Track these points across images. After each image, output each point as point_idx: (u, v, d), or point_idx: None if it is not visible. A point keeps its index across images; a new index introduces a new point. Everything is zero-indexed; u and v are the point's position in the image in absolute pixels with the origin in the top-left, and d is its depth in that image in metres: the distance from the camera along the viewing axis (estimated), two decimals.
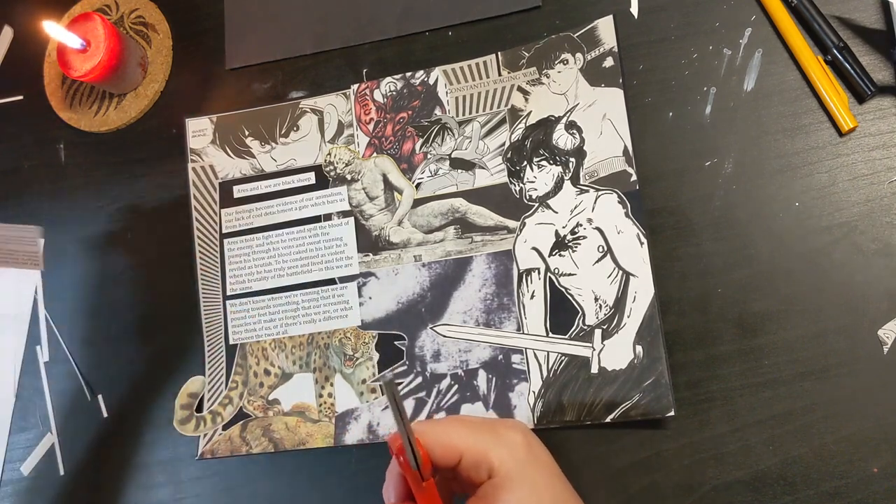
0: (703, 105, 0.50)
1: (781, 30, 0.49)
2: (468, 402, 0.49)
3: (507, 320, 0.50)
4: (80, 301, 0.59)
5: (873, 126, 0.47)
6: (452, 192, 0.53)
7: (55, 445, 0.57)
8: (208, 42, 0.61)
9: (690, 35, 0.51)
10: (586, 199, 0.50)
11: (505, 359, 0.49)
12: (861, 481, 0.44)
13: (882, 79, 0.47)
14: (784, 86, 0.49)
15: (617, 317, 0.47)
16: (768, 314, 0.46)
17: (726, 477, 0.45)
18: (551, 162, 0.51)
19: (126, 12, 0.62)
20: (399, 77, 0.56)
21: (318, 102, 0.57)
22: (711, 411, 0.46)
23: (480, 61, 0.54)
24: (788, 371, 0.45)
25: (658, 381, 0.46)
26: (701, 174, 0.49)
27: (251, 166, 0.57)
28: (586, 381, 0.47)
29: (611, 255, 0.48)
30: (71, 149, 0.62)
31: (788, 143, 0.48)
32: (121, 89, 0.61)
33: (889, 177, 0.46)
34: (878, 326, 0.45)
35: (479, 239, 0.52)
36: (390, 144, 0.55)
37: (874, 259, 0.46)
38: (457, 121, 0.54)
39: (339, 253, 0.54)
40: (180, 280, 0.57)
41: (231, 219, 0.57)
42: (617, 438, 0.47)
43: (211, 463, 0.54)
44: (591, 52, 0.51)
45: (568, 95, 0.51)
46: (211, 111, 0.59)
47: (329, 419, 0.52)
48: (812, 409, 0.45)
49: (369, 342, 0.52)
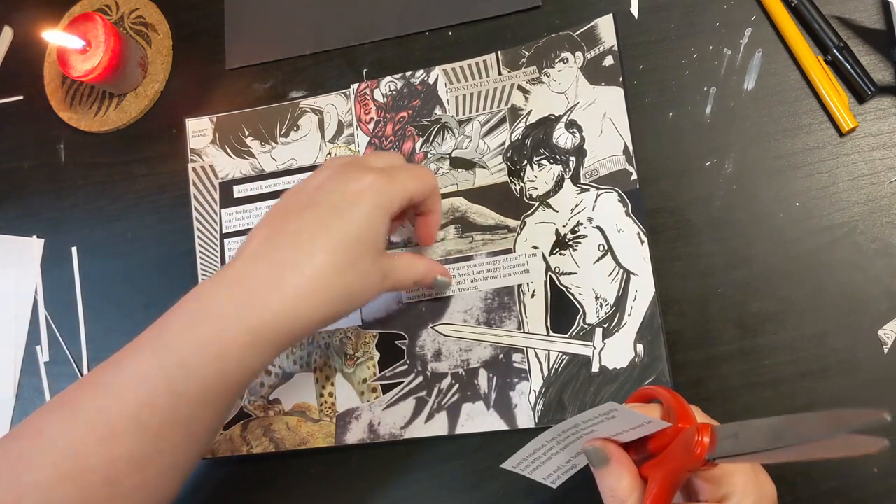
0: (703, 105, 0.50)
1: (781, 30, 0.49)
2: (469, 402, 0.49)
3: (507, 319, 0.50)
4: (80, 301, 0.59)
5: (873, 126, 0.47)
6: (453, 192, 0.53)
7: None
8: (208, 42, 0.61)
9: (690, 35, 0.51)
10: (587, 198, 0.50)
11: (506, 358, 0.49)
12: (861, 481, 0.44)
13: (882, 79, 0.47)
14: (784, 86, 0.49)
15: (618, 315, 0.48)
16: (768, 314, 0.46)
17: None
18: (551, 161, 0.51)
19: (126, 12, 0.62)
20: (399, 76, 0.56)
21: (318, 102, 0.57)
22: (711, 411, 0.46)
23: (480, 60, 0.54)
24: (788, 371, 0.45)
25: (659, 380, 0.46)
26: (701, 174, 0.49)
27: (251, 166, 0.57)
28: (587, 379, 0.47)
29: (611, 253, 0.49)
30: (71, 149, 0.62)
31: (788, 143, 0.48)
32: (121, 89, 0.61)
33: (889, 177, 0.47)
34: (878, 326, 0.45)
35: (479, 238, 0.52)
36: (390, 144, 0.55)
37: (874, 259, 0.46)
38: (457, 120, 0.54)
39: None
40: (181, 280, 0.57)
41: (231, 219, 0.57)
42: None
43: (211, 463, 0.54)
44: (591, 50, 0.52)
45: (568, 94, 0.52)
46: (211, 111, 0.59)
47: (330, 419, 0.52)
48: (812, 409, 0.45)
49: (370, 342, 0.52)
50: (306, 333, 0.41)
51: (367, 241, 0.41)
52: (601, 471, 0.35)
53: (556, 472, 0.39)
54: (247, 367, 0.39)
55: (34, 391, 0.58)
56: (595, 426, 0.35)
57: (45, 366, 0.58)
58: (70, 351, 0.58)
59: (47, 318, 0.59)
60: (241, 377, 0.40)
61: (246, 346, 0.39)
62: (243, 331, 0.39)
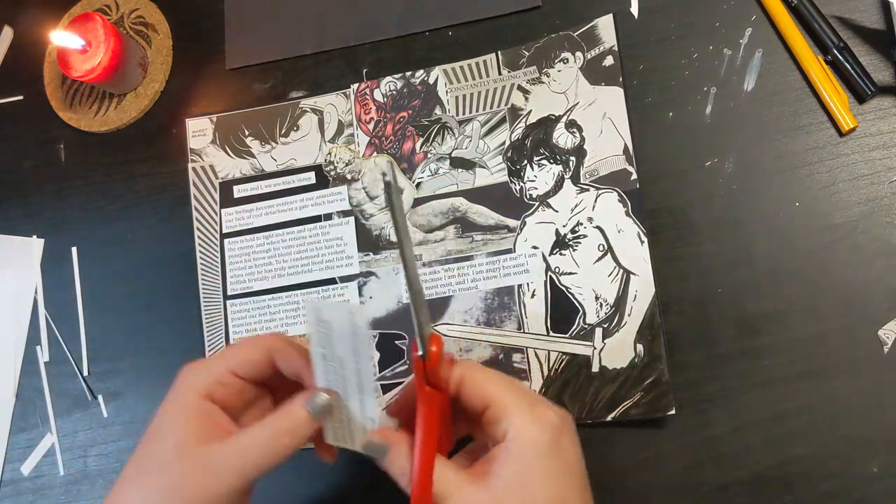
0: (703, 105, 0.50)
1: (781, 30, 0.49)
2: None
3: (507, 319, 0.50)
4: (80, 301, 0.59)
5: (873, 126, 0.47)
6: (453, 192, 0.53)
7: (55, 445, 0.57)
8: (208, 42, 0.61)
9: (690, 35, 0.51)
10: (587, 198, 0.50)
11: (506, 358, 0.49)
12: (861, 481, 0.44)
13: (882, 79, 0.47)
14: (784, 86, 0.49)
15: (617, 315, 0.48)
16: (768, 314, 0.46)
17: (726, 477, 0.45)
18: (551, 161, 0.51)
19: (126, 12, 0.62)
20: (399, 76, 0.56)
21: (318, 102, 0.57)
22: (711, 411, 0.46)
23: (480, 60, 0.54)
24: (788, 371, 0.45)
25: (659, 380, 0.46)
26: (701, 174, 0.49)
27: (251, 166, 0.57)
28: (587, 379, 0.47)
29: (611, 253, 0.48)
30: (71, 149, 0.62)
31: (789, 143, 0.48)
32: (121, 89, 0.61)
33: (889, 177, 0.46)
34: (879, 326, 0.45)
35: (479, 238, 0.52)
36: (390, 144, 0.55)
37: (874, 259, 0.46)
38: (457, 120, 0.54)
39: (339, 252, 0.54)
40: (180, 280, 0.57)
41: (231, 219, 0.57)
42: (617, 438, 0.47)
43: None
44: (591, 50, 0.52)
45: (568, 94, 0.52)
46: (211, 111, 0.59)
47: None
48: (812, 409, 0.45)
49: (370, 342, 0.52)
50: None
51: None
52: (385, 460, 0.36)
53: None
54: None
55: (34, 391, 0.58)
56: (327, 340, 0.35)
57: (45, 366, 0.58)
58: (70, 351, 0.58)
59: (47, 318, 0.59)
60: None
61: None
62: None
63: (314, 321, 0.35)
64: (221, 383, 0.37)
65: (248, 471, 0.35)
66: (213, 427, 0.36)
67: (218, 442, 0.35)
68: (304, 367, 0.37)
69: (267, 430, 0.36)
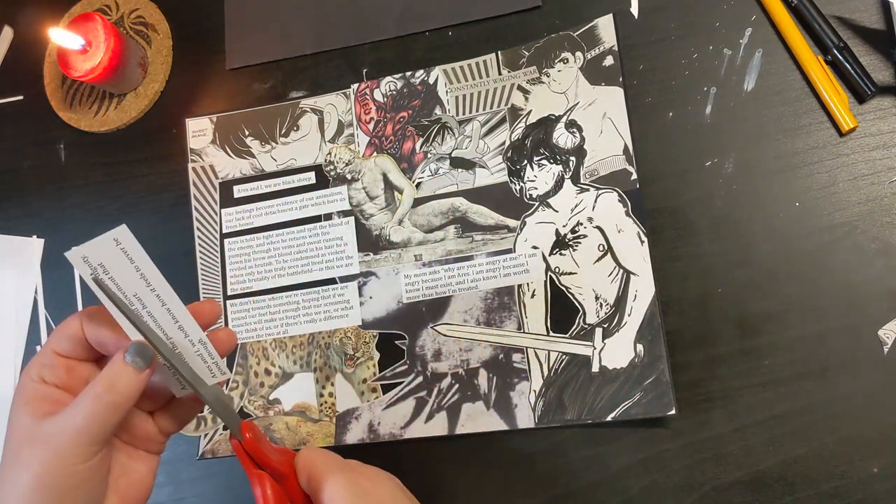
0: (703, 105, 0.50)
1: (781, 30, 0.49)
2: (469, 402, 0.49)
3: (507, 319, 0.50)
4: (80, 301, 0.59)
5: (873, 126, 0.47)
6: (453, 192, 0.53)
7: None
8: (208, 42, 0.61)
9: (690, 35, 0.51)
10: (587, 198, 0.50)
11: (506, 358, 0.49)
12: (861, 481, 0.44)
13: (882, 79, 0.47)
14: (784, 86, 0.49)
15: (618, 315, 0.48)
16: (768, 314, 0.46)
17: (726, 477, 0.45)
18: (551, 161, 0.51)
19: (126, 12, 0.62)
20: (399, 76, 0.56)
21: (318, 102, 0.57)
22: (711, 411, 0.46)
23: (480, 60, 0.54)
24: (788, 371, 0.45)
25: (659, 380, 0.46)
26: (701, 174, 0.49)
27: (251, 166, 0.57)
28: (587, 379, 0.47)
29: (611, 253, 0.49)
30: (71, 149, 0.62)
31: (789, 143, 0.48)
32: (121, 89, 0.61)
33: (889, 177, 0.46)
34: (879, 326, 0.45)
35: (479, 238, 0.52)
36: (390, 144, 0.55)
37: (874, 259, 0.46)
38: (457, 120, 0.54)
39: (339, 252, 0.54)
40: (181, 280, 0.56)
41: (231, 219, 0.57)
42: (617, 438, 0.47)
43: (211, 463, 0.54)
44: (591, 50, 0.52)
45: (568, 94, 0.52)
46: (211, 111, 0.59)
47: (330, 419, 0.52)
48: (812, 409, 0.45)
49: (370, 342, 0.52)
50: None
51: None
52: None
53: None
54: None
55: None
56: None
57: None
58: None
59: (47, 318, 0.59)
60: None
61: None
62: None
63: (86, 270, 0.33)
64: (47, 364, 0.37)
65: (81, 437, 0.34)
66: (51, 405, 0.36)
67: (52, 416, 0.35)
68: (113, 326, 0.36)
69: (89, 391, 0.35)
